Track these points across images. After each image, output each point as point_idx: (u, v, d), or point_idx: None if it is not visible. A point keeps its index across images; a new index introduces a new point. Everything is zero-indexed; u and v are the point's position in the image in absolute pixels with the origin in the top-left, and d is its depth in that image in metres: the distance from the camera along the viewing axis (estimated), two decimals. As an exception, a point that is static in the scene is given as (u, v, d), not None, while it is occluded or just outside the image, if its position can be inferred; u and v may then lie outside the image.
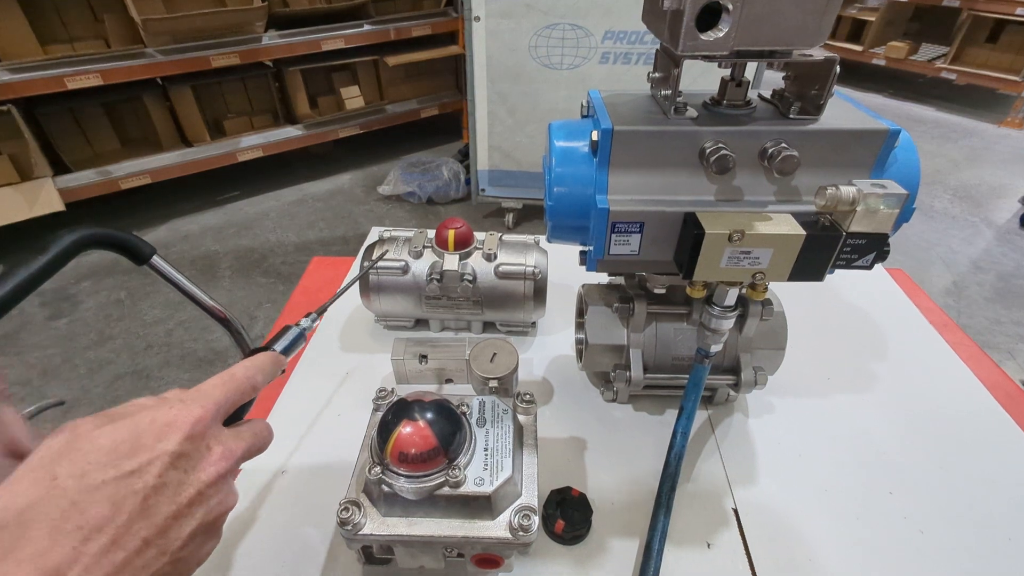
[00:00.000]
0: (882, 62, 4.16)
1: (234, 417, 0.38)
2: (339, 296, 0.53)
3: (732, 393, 0.69)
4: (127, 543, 0.28)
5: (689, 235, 0.47)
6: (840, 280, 0.94)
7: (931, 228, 2.76)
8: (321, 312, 0.50)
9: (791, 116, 0.48)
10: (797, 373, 0.71)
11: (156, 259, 0.84)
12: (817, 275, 0.48)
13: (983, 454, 0.66)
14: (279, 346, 0.44)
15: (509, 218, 2.62)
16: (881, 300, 0.91)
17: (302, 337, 0.47)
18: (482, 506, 0.46)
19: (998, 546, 0.57)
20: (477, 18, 2.12)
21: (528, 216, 2.70)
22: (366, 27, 2.86)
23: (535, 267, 0.74)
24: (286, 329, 0.46)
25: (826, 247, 0.46)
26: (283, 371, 0.43)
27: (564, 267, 0.79)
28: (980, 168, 3.27)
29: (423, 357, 0.70)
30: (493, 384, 0.63)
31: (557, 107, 2.27)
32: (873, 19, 4.02)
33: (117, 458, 0.29)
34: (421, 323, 0.83)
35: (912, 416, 0.71)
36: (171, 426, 0.31)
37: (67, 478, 0.28)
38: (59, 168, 2.47)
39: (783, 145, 0.46)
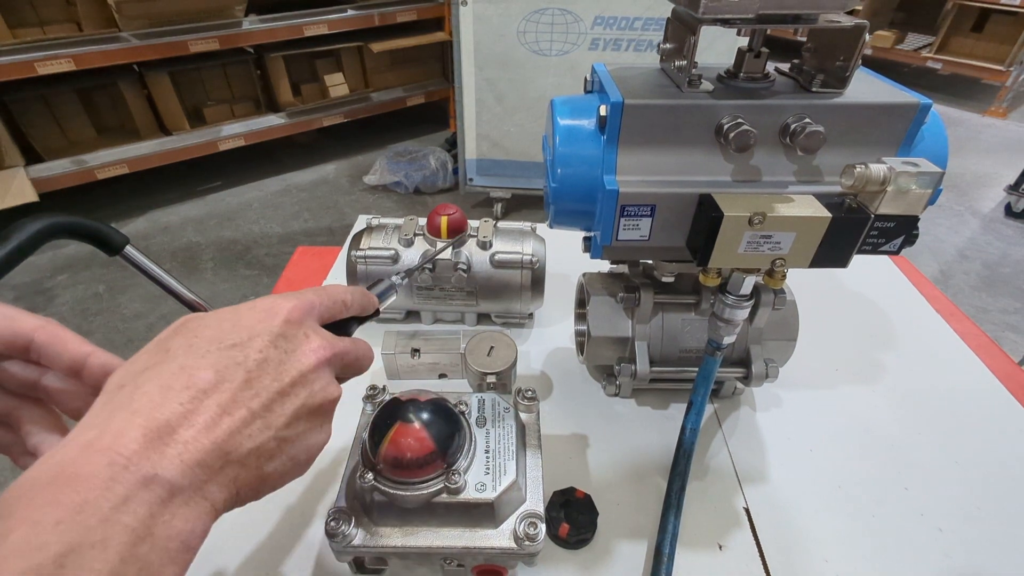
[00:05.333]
0: (868, 51, 4.15)
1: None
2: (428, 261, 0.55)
3: (739, 386, 0.66)
4: (233, 411, 0.28)
5: (705, 218, 0.44)
6: (843, 268, 0.91)
7: (918, 217, 2.77)
8: (409, 273, 0.48)
9: (813, 89, 0.45)
10: (804, 364, 0.69)
11: (129, 249, 0.78)
12: (842, 261, 0.45)
13: (998, 447, 0.64)
14: (374, 289, 0.43)
15: (498, 208, 2.58)
16: (884, 287, 0.89)
17: (393, 289, 0.45)
18: (484, 514, 0.42)
19: (1019, 542, 0.55)
20: (464, 2, 2.07)
21: (517, 206, 2.66)
22: (350, 12, 2.79)
23: (533, 255, 0.71)
24: (379, 280, 0.45)
25: (852, 231, 0.43)
26: (377, 313, 0.42)
27: (561, 255, 0.75)
28: (965, 157, 3.29)
29: (416, 351, 0.66)
30: (491, 379, 0.59)
31: (546, 94, 2.22)
32: (859, 8, 4.01)
33: (222, 334, 0.31)
34: (412, 315, 0.79)
35: (923, 408, 0.68)
36: (270, 311, 0.32)
37: (177, 348, 0.30)
38: (31, 157, 2.37)
39: (807, 120, 0.43)
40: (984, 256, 2.53)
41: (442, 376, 0.69)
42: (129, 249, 0.79)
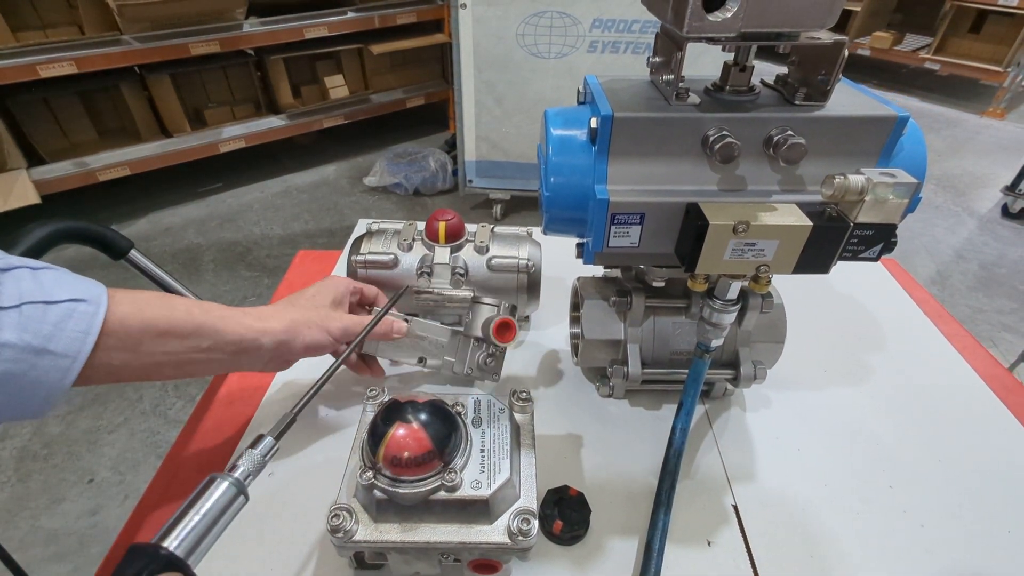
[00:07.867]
0: (867, 52, 4.17)
1: None
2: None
3: (730, 387, 0.68)
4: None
5: (692, 226, 0.45)
6: (833, 269, 0.93)
7: (915, 218, 2.78)
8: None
9: (796, 102, 0.47)
10: (793, 366, 0.70)
11: (134, 253, 0.81)
12: (823, 268, 0.46)
13: (980, 446, 0.66)
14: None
15: (497, 209, 2.59)
16: (875, 290, 0.90)
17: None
18: (479, 510, 0.44)
19: (999, 539, 0.57)
20: (463, 5, 2.09)
21: (516, 207, 2.67)
22: (350, 14, 2.81)
23: (529, 260, 0.72)
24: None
25: (833, 239, 0.44)
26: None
27: (557, 259, 0.77)
28: (962, 158, 3.30)
29: (413, 315, 0.66)
30: (490, 349, 0.60)
31: (545, 96, 2.24)
32: (858, 9, 4.03)
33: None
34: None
35: (909, 409, 0.70)
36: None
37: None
38: (33, 160, 2.39)
39: (789, 132, 0.45)
40: (981, 257, 2.54)
41: (421, 360, 0.68)
42: (134, 253, 0.81)
